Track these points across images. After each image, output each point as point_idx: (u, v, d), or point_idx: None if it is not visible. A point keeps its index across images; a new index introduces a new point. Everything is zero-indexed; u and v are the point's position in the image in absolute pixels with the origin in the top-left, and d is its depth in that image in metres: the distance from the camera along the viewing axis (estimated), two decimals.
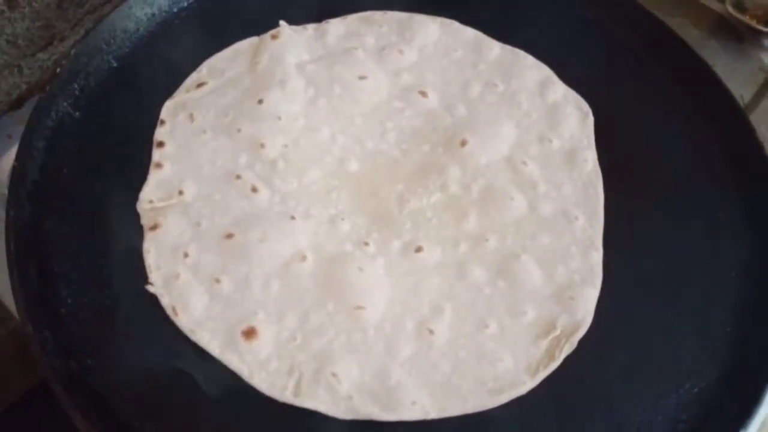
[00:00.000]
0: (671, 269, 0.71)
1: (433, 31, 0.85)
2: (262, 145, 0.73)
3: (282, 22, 0.83)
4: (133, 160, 0.73)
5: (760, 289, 0.71)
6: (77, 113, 0.75)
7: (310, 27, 0.84)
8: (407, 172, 0.75)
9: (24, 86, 0.80)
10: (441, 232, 0.71)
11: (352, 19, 0.85)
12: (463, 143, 0.76)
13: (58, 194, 0.70)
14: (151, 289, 0.65)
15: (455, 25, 0.86)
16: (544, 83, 0.82)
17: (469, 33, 0.85)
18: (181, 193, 0.70)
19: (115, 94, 0.77)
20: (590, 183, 0.75)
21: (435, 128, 0.78)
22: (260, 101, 0.76)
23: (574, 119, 0.79)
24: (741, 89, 0.92)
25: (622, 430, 0.63)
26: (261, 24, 0.83)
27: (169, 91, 0.78)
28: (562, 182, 0.75)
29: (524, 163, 0.76)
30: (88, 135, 0.74)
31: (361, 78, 0.79)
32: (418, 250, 0.69)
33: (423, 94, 0.80)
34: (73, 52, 0.76)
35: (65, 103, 0.75)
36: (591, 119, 0.80)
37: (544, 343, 0.65)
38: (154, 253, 0.67)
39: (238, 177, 0.71)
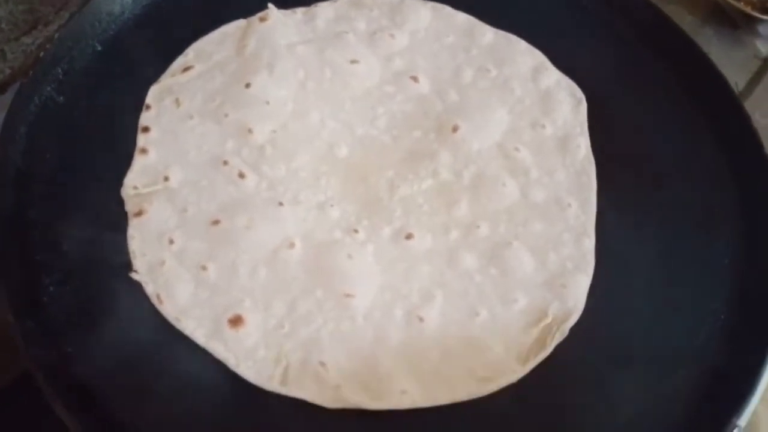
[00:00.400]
0: (664, 257, 0.71)
1: (425, 15, 0.83)
2: (250, 131, 0.72)
3: (270, 5, 0.82)
4: (117, 145, 0.71)
5: (753, 277, 0.70)
6: (61, 98, 0.74)
7: (299, 11, 0.83)
8: (398, 158, 0.74)
9: (7, 71, 0.79)
10: (432, 218, 0.70)
11: (342, 2, 0.84)
12: (455, 129, 0.75)
13: (40, 180, 0.69)
14: (135, 276, 0.64)
15: (447, 9, 0.84)
16: (538, 69, 0.81)
17: (462, 18, 0.84)
18: (166, 179, 0.69)
19: (99, 79, 0.76)
20: (583, 170, 0.74)
21: (426, 114, 0.77)
22: (248, 85, 0.75)
23: (567, 105, 0.79)
24: (736, 76, 0.92)
25: (613, 418, 0.62)
26: (248, 7, 0.82)
27: (154, 75, 0.76)
28: (555, 169, 0.74)
29: (517, 149, 0.75)
30: (72, 120, 0.73)
31: (353, 62, 0.78)
32: (409, 237, 0.68)
33: (414, 79, 0.78)
34: (56, 36, 0.75)
35: (49, 88, 0.73)
36: (584, 106, 0.79)
37: (535, 331, 0.64)
38: (138, 240, 0.66)
39: (225, 163, 0.70)
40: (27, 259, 0.64)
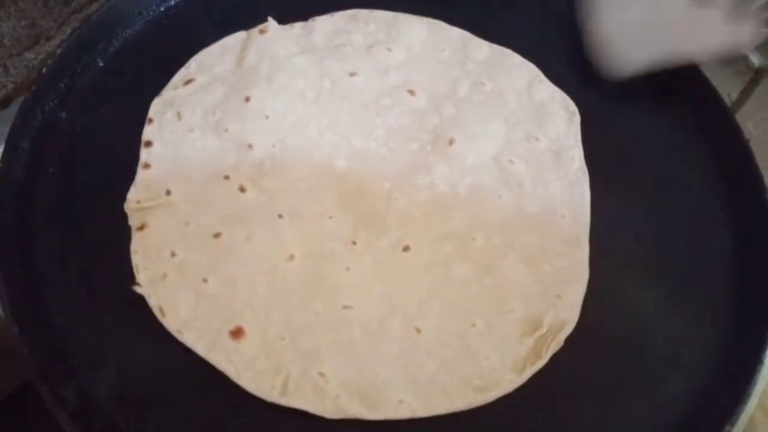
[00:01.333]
0: (658, 267, 0.72)
1: (420, 30, 0.84)
2: (250, 146, 0.73)
3: (270, 19, 0.82)
4: (120, 159, 0.72)
5: (747, 286, 0.71)
6: (63, 113, 0.74)
7: (297, 25, 0.83)
8: (395, 170, 0.75)
9: (10, 86, 0.80)
10: (428, 230, 0.71)
11: (339, 16, 0.85)
12: (451, 142, 0.76)
13: (44, 195, 0.69)
14: (138, 289, 0.64)
15: (442, 24, 0.85)
16: (532, 82, 0.82)
17: (456, 32, 0.85)
18: (168, 193, 0.70)
19: (102, 94, 0.76)
20: (577, 181, 0.75)
21: (423, 127, 0.78)
22: (247, 99, 0.76)
23: (561, 118, 0.80)
24: (728, 87, 0.93)
25: (609, 426, 0.63)
26: (249, 20, 0.83)
27: (156, 89, 0.77)
28: (549, 181, 0.75)
29: (511, 161, 0.76)
30: (74, 135, 0.74)
31: (351, 74, 0.79)
32: (406, 249, 0.69)
33: (411, 93, 0.79)
34: (58, 51, 0.75)
35: (51, 103, 0.74)
36: (578, 118, 0.80)
37: (531, 341, 0.65)
38: (141, 254, 0.66)
39: (226, 177, 0.71)
40: (30, 271, 0.65)
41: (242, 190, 0.70)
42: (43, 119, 0.73)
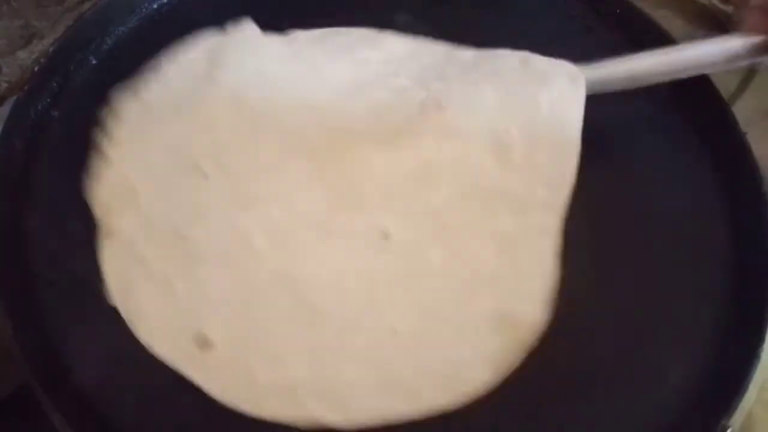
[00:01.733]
0: (651, 262, 0.71)
1: (403, 42, 0.81)
2: (216, 129, 0.71)
3: (247, 18, 0.81)
4: None
5: (743, 280, 0.70)
6: (56, 112, 0.75)
7: (275, 35, 0.81)
8: (377, 138, 0.71)
9: (4, 85, 0.81)
10: (408, 215, 0.68)
11: (319, 33, 0.81)
12: (441, 108, 0.72)
13: (37, 194, 0.70)
14: (111, 301, 0.64)
15: (426, 40, 0.81)
16: (525, 59, 0.77)
17: (443, 45, 0.81)
18: (133, 191, 0.68)
19: (95, 92, 0.77)
20: (564, 166, 0.72)
21: (410, 100, 0.74)
22: (216, 84, 0.73)
23: (562, 84, 0.75)
24: (725, 79, 0.91)
25: (594, 424, 0.63)
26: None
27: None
28: (537, 163, 0.71)
29: (507, 131, 0.72)
30: (67, 134, 0.74)
31: (330, 60, 0.77)
32: (382, 236, 0.67)
33: (396, 75, 0.76)
34: (51, 49, 0.76)
35: (44, 102, 0.75)
36: (582, 91, 0.75)
37: (506, 336, 0.63)
38: (109, 262, 0.65)
39: (191, 165, 0.69)
40: (25, 271, 0.66)
41: (206, 177, 0.68)
42: (36, 118, 0.74)
